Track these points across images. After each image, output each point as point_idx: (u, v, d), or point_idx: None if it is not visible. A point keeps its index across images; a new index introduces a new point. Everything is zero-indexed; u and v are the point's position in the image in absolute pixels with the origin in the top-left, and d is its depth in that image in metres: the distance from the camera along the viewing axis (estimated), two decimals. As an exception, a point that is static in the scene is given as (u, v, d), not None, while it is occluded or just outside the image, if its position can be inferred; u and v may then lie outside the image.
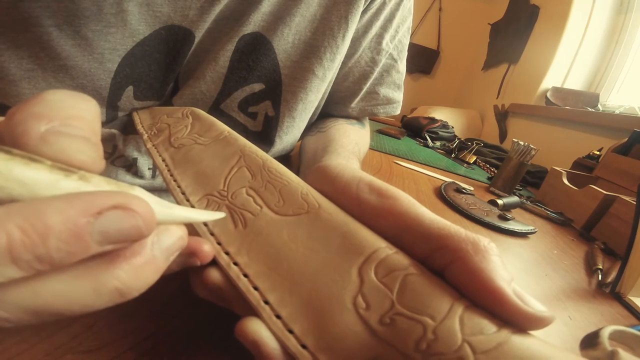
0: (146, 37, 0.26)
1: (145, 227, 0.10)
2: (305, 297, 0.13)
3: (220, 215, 0.14)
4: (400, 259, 0.13)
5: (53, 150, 0.10)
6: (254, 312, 0.13)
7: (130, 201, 0.10)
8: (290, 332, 0.12)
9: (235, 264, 0.14)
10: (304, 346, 0.12)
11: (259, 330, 0.12)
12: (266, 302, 0.13)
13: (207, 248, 0.14)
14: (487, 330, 0.10)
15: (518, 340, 0.10)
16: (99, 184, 0.10)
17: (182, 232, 0.12)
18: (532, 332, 0.11)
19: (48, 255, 0.08)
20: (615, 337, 0.17)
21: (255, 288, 0.13)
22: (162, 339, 0.16)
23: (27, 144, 0.10)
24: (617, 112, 1.15)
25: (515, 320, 0.11)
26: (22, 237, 0.08)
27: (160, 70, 0.28)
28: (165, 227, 0.12)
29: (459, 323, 0.11)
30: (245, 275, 0.14)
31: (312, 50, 0.33)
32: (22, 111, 0.10)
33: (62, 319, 0.10)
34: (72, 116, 0.11)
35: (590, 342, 0.16)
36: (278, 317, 0.12)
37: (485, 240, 0.12)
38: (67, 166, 0.10)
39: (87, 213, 0.09)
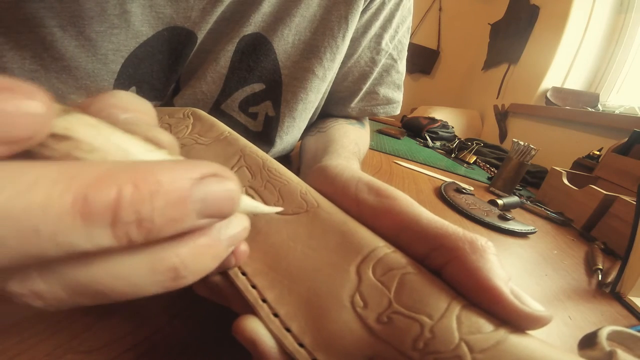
0: (149, 38, 0.26)
1: (237, 200, 0.10)
2: (303, 295, 0.13)
3: (279, 208, 0.14)
4: (398, 258, 0.13)
5: (139, 132, 0.10)
6: (252, 311, 0.13)
7: (225, 171, 0.09)
8: (288, 330, 0.12)
9: None
10: (301, 344, 0.12)
11: (256, 328, 0.12)
12: (264, 301, 0.13)
13: (244, 247, 0.13)
14: (485, 329, 0.10)
15: (515, 340, 0.10)
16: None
17: (247, 223, 0.12)
18: (532, 331, 0.11)
19: (150, 219, 0.08)
20: (614, 337, 0.17)
21: (254, 286, 0.13)
22: (162, 339, 0.16)
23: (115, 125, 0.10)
24: (617, 112, 1.15)
25: (512, 319, 0.11)
26: (133, 193, 0.07)
27: (163, 71, 0.28)
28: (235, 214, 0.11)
29: (457, 322, 0.11)
30: (244, 274, 0.14)
31: (312, 50, 0.33)
32: (99, 102, 0.11)
33: (99, 303, 0.09)
34: (139, 110, 0.11)
35: (588, 342, 0.16)
36: (276, 315, 0.12)
37: (483, 240, 0.12)
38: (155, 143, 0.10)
39: (192, 175, 0.08)
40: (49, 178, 0.07)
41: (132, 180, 0.07)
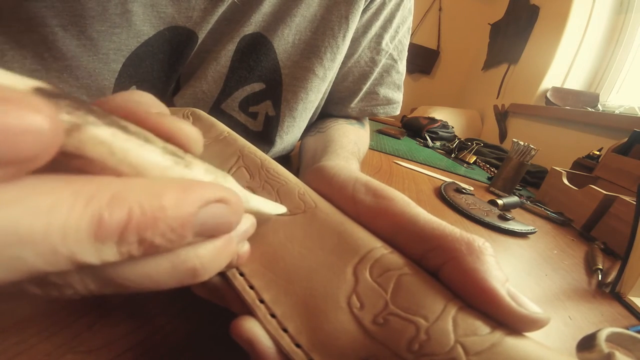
0: (150, 38, 0.26)
1: (235, 223, 0.10)
2: (300, 296, 0.13)
3: (283, 209, 0.15)
4: (395, 259, 0.13)
5: (171, 125, 0.10)
6: (250, 311, 0.13)
7: (230, 195, 0.10)
8: (285, 330, 0.12)
9: None
10: (297, 345, 0.12)
11: (253, 329, 0.12)
12: (261, 301, 0.13)
13: (247, 247, 0.14)
14: (481, 331, 0.10)
15: (511, 342, 0.10)
16: (199, 172, 0.11)
17: (254, 219, 0.13)
18: (532, 332, 0.11)
19: (150, 240, 0.08)
20: (613, 339, 0.16)
21: (251, 287, 0.13)
22: (162, 339, 0.16)
23: (147, 119, 0.10)
24: (617, 112, 1.14)
25: (508, 321, 0.11)
26: (140, 216, 0.08)
27: (163, 71, 0.28)
28: None
29: (452, 324, 0.11)
30: (242, 274, 0.14)
31: (312, 50, 0.33)
32: (124, 97, 0.11)
33: (121, 292, 0.09)
34: (163, 112, 0.12)
35: (586, 344, 0.16)
36: (273, 315, 0.12)
37: (480, 241, 0.12)
38: (175, 148, 0.10)
39: (196, 202, 0.09)
40: (66, 200, 0.07)
41: (140, 203, 0.08)
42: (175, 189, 0.09)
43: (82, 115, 0.08)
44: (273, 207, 0.15)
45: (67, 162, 0.08)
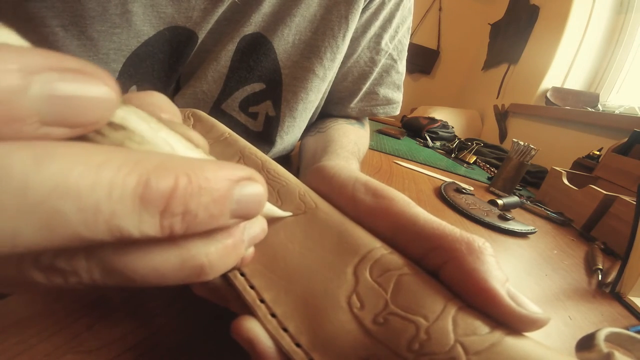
0: (150, 38, 0.26)
1: (263, 203, 0.10)
2: (300, 295, 0.13)
3: (290, 213, 0.15)
4: (395, 259, 0.13)
5: (179, 131, 0.11)
6: (251, 311, 0.13)
7: (257, 175, 0.10)
8: (285, 330, 0.12)
9: None
10: (298, 345, 0.12)
11: (253, 329, 0.12)
12: (262, 301, 0.13)
13: (251, 249, 0.14)
14: (480, 331, 0.10)
15: (511, 342, 0.10)
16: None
17: (265, 225, 0.13)
18: (532, 332, 0.11)
19: (194, 213, 0.08)
20: (612, 339, 0.17)
21: (252, 287, 0.13)
22: (162, 339, 0.16)
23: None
24: (617, 112, 1.14)
25: (508, 321, 0.11)
26: (187, 184, 0.08)
27: (164, 70, 0.29)
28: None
29: (452, 323, 0.11)
30: (242, 274, 0.14)
31: (312, 50, 0.33)
32: (138, 99, 0.11)
33: (124, 285, 0.09)
34: (172, 113, 0.12)
35: (586, 344, 0.16)
36: (273, 315, 0.12)
37: (480, 240, 0.12)
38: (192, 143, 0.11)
39: (232, 177, 0.09)
40: (116, 161, 0.07)
41: (186, 172, 0.08)
42: (213, 163, 0.09)
43: (122, 98, 0.09)
44: (280, 212, 0.15)
45: (109, 135, 0.08)
